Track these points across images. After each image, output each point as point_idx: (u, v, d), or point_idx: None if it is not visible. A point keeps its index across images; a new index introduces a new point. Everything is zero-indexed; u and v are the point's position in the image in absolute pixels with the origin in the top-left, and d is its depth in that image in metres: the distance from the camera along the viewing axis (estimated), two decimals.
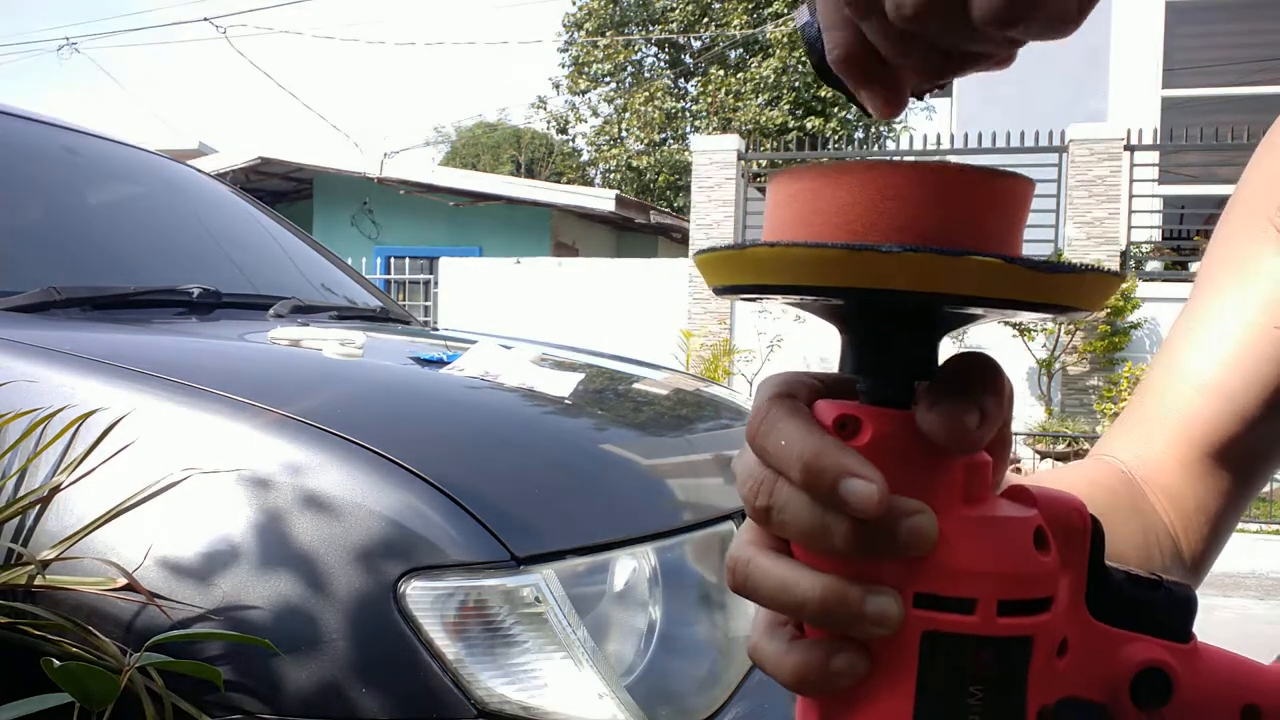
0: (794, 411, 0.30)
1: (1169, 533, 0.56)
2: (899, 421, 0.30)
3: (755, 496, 0.30)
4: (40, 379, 1.14)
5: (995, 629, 0.29)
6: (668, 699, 1.07)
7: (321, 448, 1.03)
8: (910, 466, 0.29)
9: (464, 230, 12.33)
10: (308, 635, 0.94)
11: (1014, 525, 0.30)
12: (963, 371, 0.30)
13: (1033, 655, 0.30)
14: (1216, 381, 0.55)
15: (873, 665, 0.29)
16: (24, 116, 2.07)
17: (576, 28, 20.74)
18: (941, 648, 0.29)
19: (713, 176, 8.33)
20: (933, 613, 0.29)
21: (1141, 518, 0.54)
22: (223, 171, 10.93)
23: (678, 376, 2.13)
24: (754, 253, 0.28)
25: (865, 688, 0.30)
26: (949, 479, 0.30)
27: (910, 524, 0.28)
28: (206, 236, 2.27)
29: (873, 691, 0.30)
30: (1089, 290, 0.28)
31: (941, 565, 0.29)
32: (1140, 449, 0.57)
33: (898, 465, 0.29)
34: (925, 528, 0.28)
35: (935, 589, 0.29)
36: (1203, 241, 7.96)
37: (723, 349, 7.97)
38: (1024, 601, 0.29)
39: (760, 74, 17.92)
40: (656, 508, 1.22)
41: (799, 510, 0.29)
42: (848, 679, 0.29)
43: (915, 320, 0.30)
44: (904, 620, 0.29)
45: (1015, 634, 0.29)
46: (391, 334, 2.02)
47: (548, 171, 22.95)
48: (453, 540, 0.98)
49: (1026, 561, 0.29)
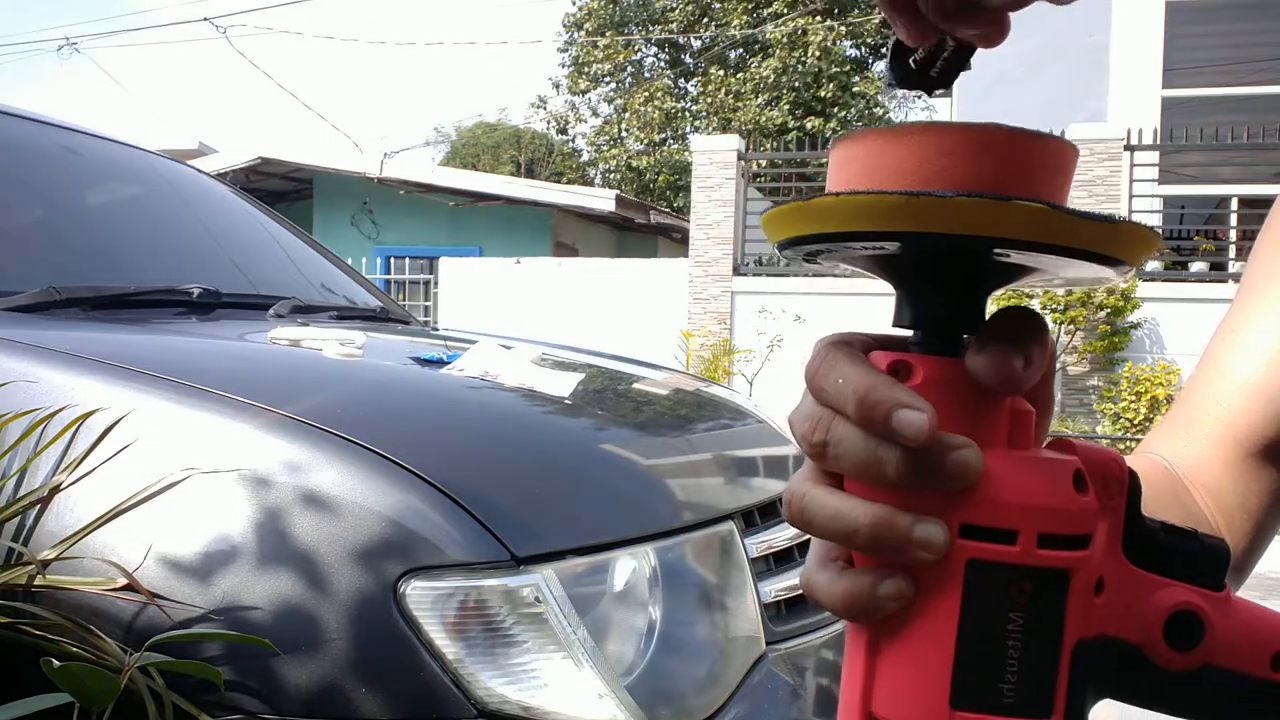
0: (851, 355, 0.33)
1: (1211, 530, 0.56)
2: (949, 367, 0.32)
3: (812, 433, 0.33)
4: (40, 379, 1.14)
5: (1035, 559, 0.31)
6: (668, 699, 1.07)
7: (321, 448, 1.03)
8: (959, 407, 0.32)
9: (464, 230, 12.32)
10: (308, 635, 0.94)
11: (1055, 466, 0.32)
12: (1009, 321, 0.32)
13: (1070, 588, 0.32)
14: (1259, 382, 0.56)
15: (919, 592, 0.32)
16: (24, 116, 2.07)
17: (576, 28, 20.73)
18: (984, 575, 0.31)
19: (713, 176, 8.33)
20: (977, 542, 0.31)
21: (1182, 512, 0.55)
22: (223, 171, 10.93)
23: (678, 376, 2.13)
24: (820, 202, 0.30)
25: (911, 613, 0.32)
26: (995, 421, 0.32)
27: (956, 457, 0.30)
28: (206, 236, 2.27)
29: (918, 616, 0.32)
30: (1129, 241, 0.30)
31: (986, 498, 0.31)
32: (1183, 447, 0.58)
33: (947, 405, 0.31)
34: (971, 460, 0.30)
35: (980, 520, 0.31)
36: (1203, 241, 7.97)
37: (723, 349, 7.96)
38: (1063, 537, 0.31)
39: (760, 74, 17.91)
40: (656, 508, 1.22)
41: (854, 443, 0.31)
42: (895, 603, 0.31)
43: (966, 270, 0.32)
44: (949, 548, 0.31)
45: (1054, 565, 0.31)
46: (391, 334, 2.02)
47: (548, 171, 22.95)
48: (453, 540, 0.98)
49: (1066, 499, 0.31)
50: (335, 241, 11.70)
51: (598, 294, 9.26)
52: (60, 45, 24.01)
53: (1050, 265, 0.31)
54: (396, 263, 11.71)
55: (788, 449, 1.77)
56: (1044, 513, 0.31)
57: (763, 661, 1.26)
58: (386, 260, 11.86)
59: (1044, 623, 0.31)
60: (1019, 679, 0.31)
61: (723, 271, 8.23)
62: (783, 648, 1.33)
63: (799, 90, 18.13)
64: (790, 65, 17.70)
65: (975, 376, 0.31)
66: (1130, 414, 7.37)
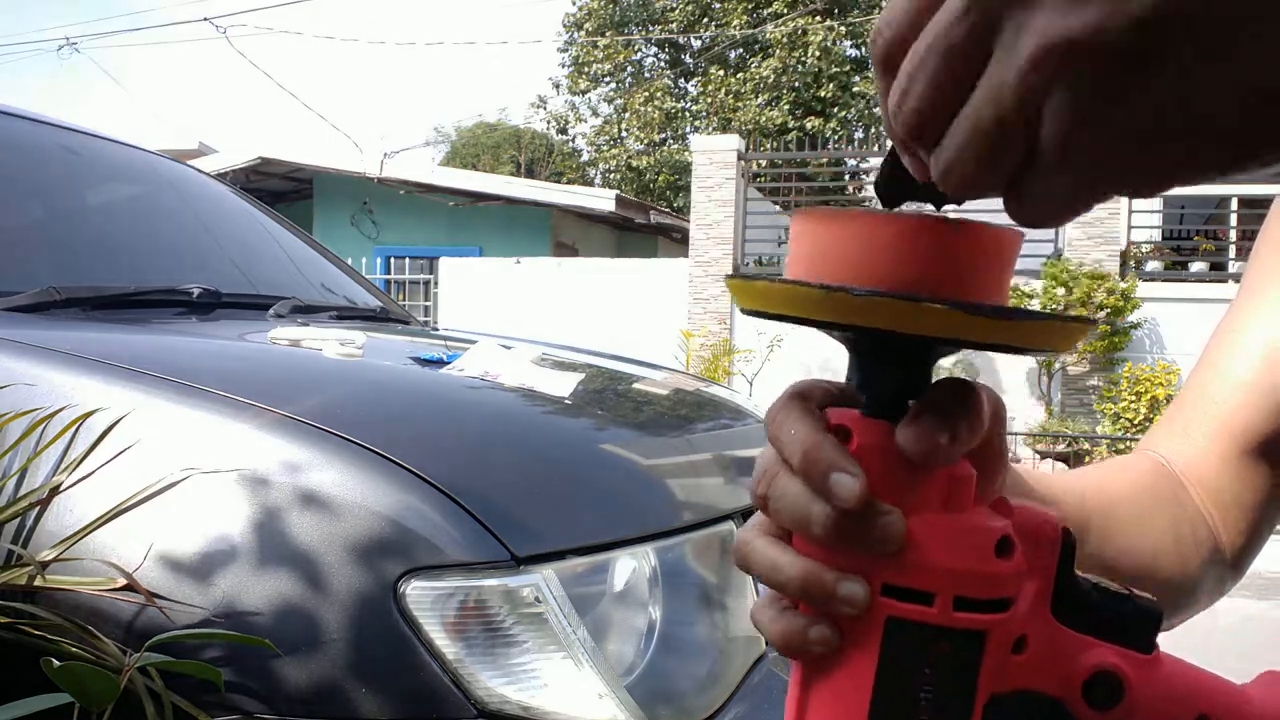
0: (805, 410, 0.35)
1: (1208, 526, 0.57)
2: (886, 434, 0.34)
3: (758, 484, 0.36)
4: (40, 379, 1.14)
5: (951, 621, 0.33)
6: (668, 699, 1.07)
7: (321, 447, 1.03)
8: (892, 473, 0.33)
9: (464, 230, 12.33)
10: (308, 635, 0.94)
11: (978, 531, 0.34)
12: (941, 395, 0.34)
13: (986, 648, 0.34)
14: (1255, 378, 0.56)
15: (844, 639, 0.34)
16: (24, 116, 2.07)
17: (576, 28, 20.74)
18: (902, 632, 0.33)
19: (713, 176, 8.33)
20: (897, 601, 0.33)
21: (1178, 508, 0.56)
22: (223, 171, 10.93)
23: (678, 376, 2.13)
24: (760, 286, 0.34)
25: (837, 657, 0.35)
26: (928, 486, 0.34)
27: (882, 523, 0.33)
28: (206, 236, 2.27)
29: (842, 661, 0.35)
30: (1051, 335, 0.32)
31: (908, 561, 0.33)
32: (1180, 444, 0.59)
33: (881, 470, 0.33)
34: (894, 528, 0.33)
35: (900, 581, 0.33)
36: (1203, 241, 7.97)
37: (723, 349, 7.96)
38: (980, 600, 0.33)
39: (760, 74, 17.92)
40: (656, 508, 1.22)
41: (793, 498, 0.34)
42: (821, 648, 0.34)
43: (896, 349, 0.35)
44: (871, 605, 0.33)
45: (970, 627, 0.33)
46: (391, 334, 2.02)
47: (548, 171, 22.95)
48: (453, 540, 0.98)
49: (985, 564, 0.33)
50: (335, 241, 11.70)
51: (598, 294, 9.27)
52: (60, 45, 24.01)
53: (974, 350, 0.33)
54: (396, 263, 11.72)
55: None
56: (961, 577, 0.33)
57: (763, 661, 1.26)
58: (386, 260, 11.86)
59: (958, 679, 0.34)
60: None
61: (723, 271, 8.23)
62: None
63: (799, 90, 18.14)
64: (790, 65, 17.70)
65: (902, 448, 0.33)
66: (1130, 414, 7.38)
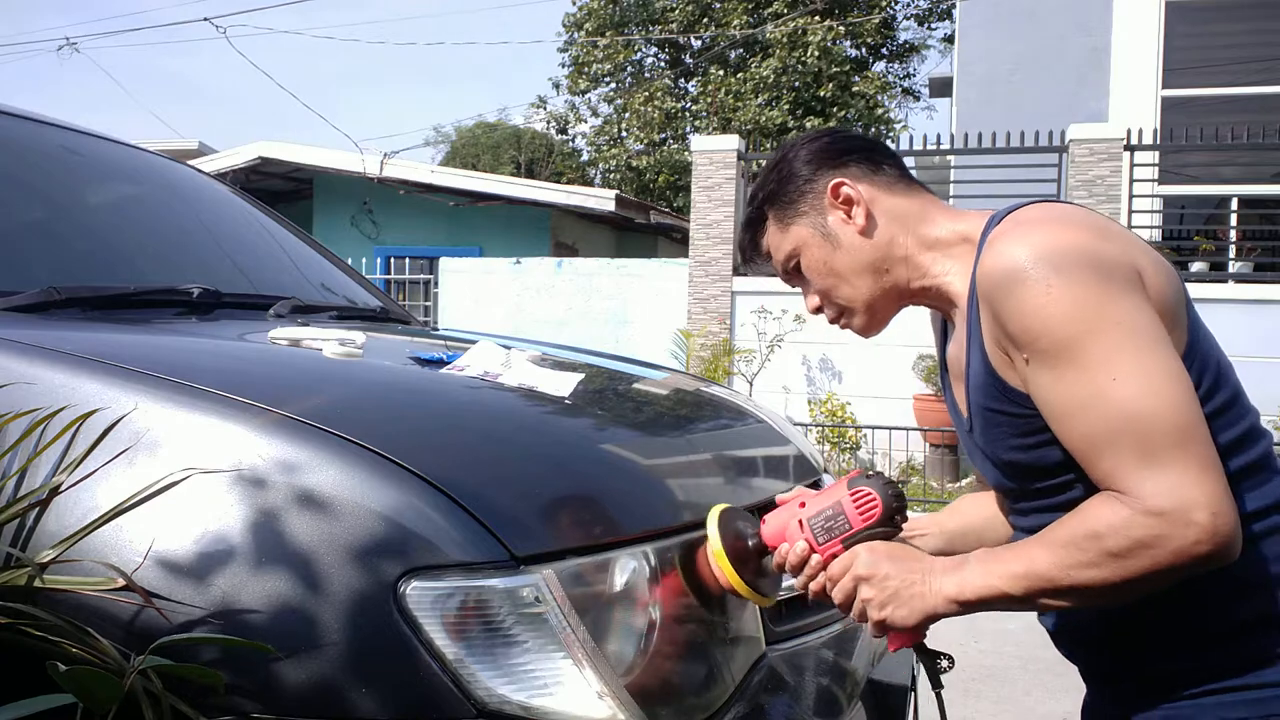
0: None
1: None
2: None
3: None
4: (40, 379, 1.14)
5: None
6: (668, 699, 1.07)
7: (321, 448, 1.03)
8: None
9: (464, 230, 12.32)
10: (307, 636, 0.94)
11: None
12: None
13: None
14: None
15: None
16: (24, 116, 2.07)
17: (576, 28, 20.73)
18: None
19: (713, 176, 8.32)
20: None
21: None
22: (223, 171, 10.92)
23: (678, 376, 2.13)
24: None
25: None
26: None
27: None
28: (206, 236, 2.27)
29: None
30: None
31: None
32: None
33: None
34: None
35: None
36: (1203, 241, 7.96)
37: (723, 349, 7.96)
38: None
39: (760, 74, 17.91)
40: (656, 508, 1.22)
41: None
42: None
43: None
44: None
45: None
46: (391, 334, 2.02)
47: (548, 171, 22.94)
48: (453, 540, 0.98)
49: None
50: (335, 241, 11.69)
51: (598, 294, 9.26)
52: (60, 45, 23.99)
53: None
54: (396, 263, 11.71)
55: (788, 449, 1.77)
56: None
57: (763, 661, 1.26)
58: (386, 260, 11.85)
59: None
60: None
61: (723, 271, 8.23)
62: (783, 648, 1.33)
63: (799, 90, 18.13)
64: (790, 65, 17.70)
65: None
66: None
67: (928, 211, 1.21)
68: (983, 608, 1.07)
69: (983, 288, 1.06)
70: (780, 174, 1.26)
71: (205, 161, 11.41)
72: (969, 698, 3.37)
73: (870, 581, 1.11)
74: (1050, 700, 3.33)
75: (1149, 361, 0.97)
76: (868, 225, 1.19)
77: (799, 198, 1.23)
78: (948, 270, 1.18)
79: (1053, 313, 0.98)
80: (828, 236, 1.21)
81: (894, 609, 1.09)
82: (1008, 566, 1.04)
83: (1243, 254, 7.90)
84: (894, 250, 1.19)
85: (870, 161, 1.22)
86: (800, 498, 1.23)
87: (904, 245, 1.19)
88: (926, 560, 1.12)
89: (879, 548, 1.13)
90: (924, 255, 1.19)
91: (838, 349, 7.86)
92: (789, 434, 1.87)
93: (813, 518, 1.17)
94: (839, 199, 1.20)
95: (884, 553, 1.12)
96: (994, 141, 7.56)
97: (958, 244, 1.17)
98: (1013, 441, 1.12)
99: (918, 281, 1.20)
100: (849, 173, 1.21)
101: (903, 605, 1.09)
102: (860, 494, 1.16)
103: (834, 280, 1.23)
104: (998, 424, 1.12)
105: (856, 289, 1.22)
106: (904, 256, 1.19)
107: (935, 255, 1.19)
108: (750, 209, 1.31)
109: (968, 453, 1.26)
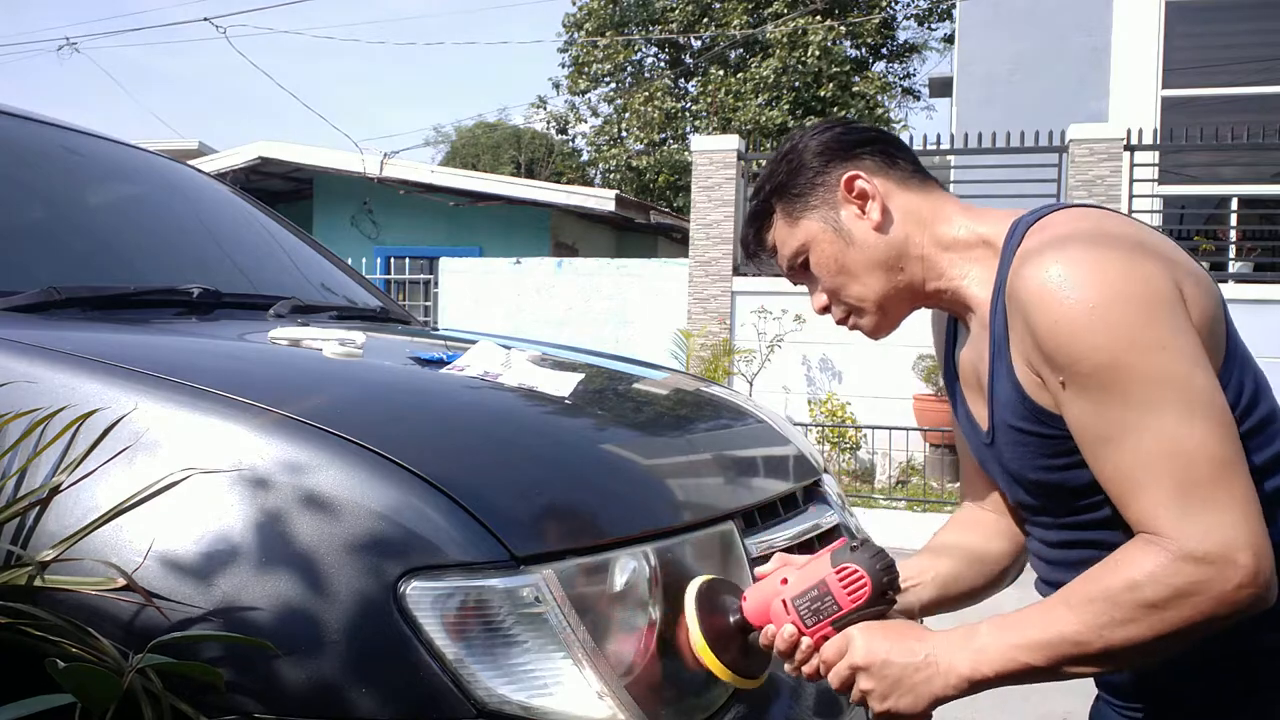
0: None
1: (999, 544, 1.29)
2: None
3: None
4: (40, 379, 1.14)
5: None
6: (668, 699, 1.07)
7: (321, 447, 1.03)
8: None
9: (464, 230, 12.32)
10: (307, 635, 0.94)
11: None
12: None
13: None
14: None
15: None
16: (24, 116, 2.07)
17: (576, 28, 20.73)
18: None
19: (713, 176, 8.32)
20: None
21: (984, 539, 1.30)
22: (223, 171, 10.92)
23: (678, 376, 2.13)
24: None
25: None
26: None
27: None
28: (206, 236, 2.27)
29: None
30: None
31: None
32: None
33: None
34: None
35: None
36: (1203, 241, 7.96)
37: (723, 349, 7.96)
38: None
39: (760, 74, 17.92)
40: (656, 508, 1.22)
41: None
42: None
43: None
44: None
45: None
46: (391, 334, 2.02)
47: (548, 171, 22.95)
48: (453, 540, 0.98)
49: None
50: (335, 241, 11.69)
51: (598, 294, 9.26)
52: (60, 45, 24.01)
53: None
54: (396, 263, 11.71)
55: (788, 449, 1.77)
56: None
57: None
58: (386, 260, 11.85)
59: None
60: None
61: (723, 271, 8.23)
62: None
63: (799, 90, 18.13)
64: (790, 65, 17.70)
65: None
66: None
67: (944, 209, 1.14)
68: (1000, 684, 0.98)
69: (1017, 305, 0.99)
70: (790, 165, 1.18)
71: (205, 161, 11.41)
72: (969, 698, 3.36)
73: (869, 671, 1.02)
74: (1050, 700, 3.33)
75: (1190, 392, 0.91)
76: (883, 221, 1.13)
77: (810, 190, 1.16)
78: (965, 274, 1.12)
79: (1094, 337, 0.92)
80: (840, 232, 1.15)
81: (897, 698, 1.01)
82: (1029, 635, 0.95)
83: (1243, 254, 7.90)
84: (909, 248, 1.13)
85: (884, 154, 1.16)
86: (783, 571, 1.13)
87: (920, 244, 1.13)
88: (929, 638, 1.03)
89: (875, 629, 1.05)
90: (941, 256, 1.13)
91: (838, 349, 7.86)
92: (789, 434, 1.87)
93: (797, 597, 1.07)
94: (853, 193, 1.14)
95: (881, 634, 1.04)
96: (994, 141, 7.56)
97: (977, 246, 1.11)
98: (1041, 461, 1.06)
99: (933, 283, 1.14)
100: (863, 165, 1.15)
101: (907, 693, 1.01)
102: (847, 572, 1.06)
103: (845, 278, 1.16)
104: (1025, 444, 1.07)
105: (868, 288, 1.15)
106: (919, 255, 1.13)
107: (953, 256, 1.13)
108: (756, 201, 1.24)
109: (982, 464, 1.20)
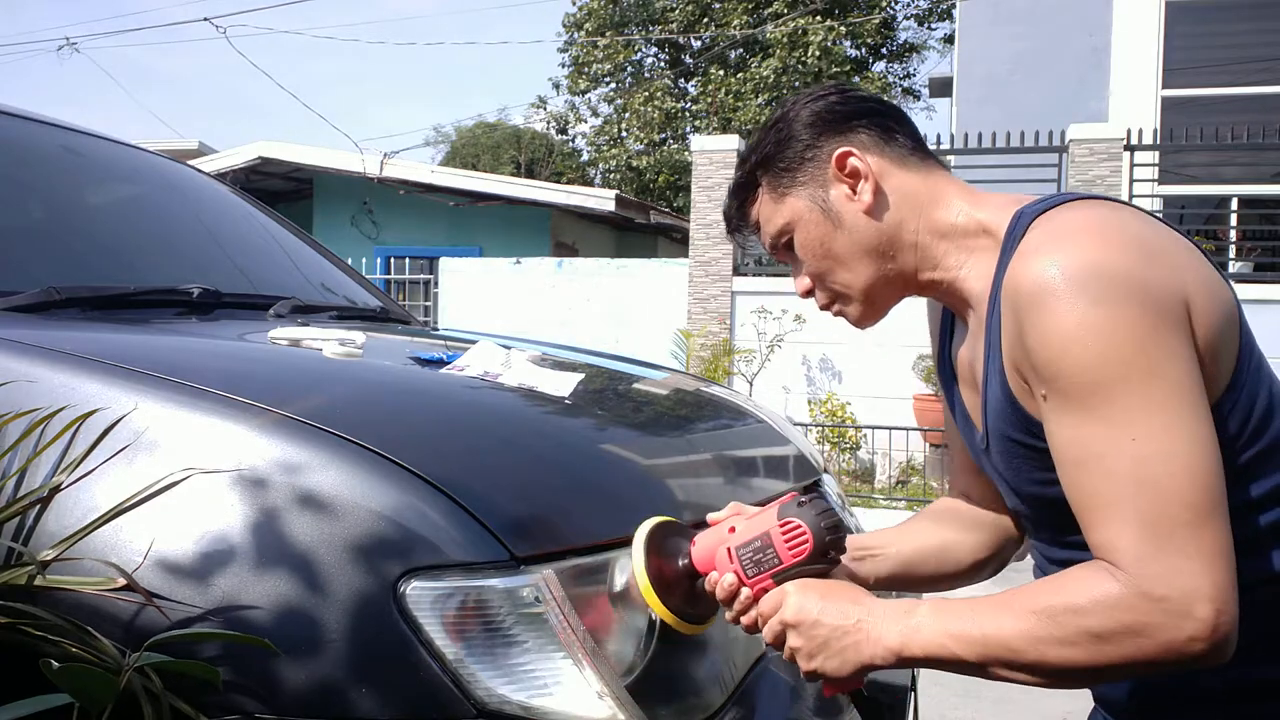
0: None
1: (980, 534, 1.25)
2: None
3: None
4: (40, 379, 1.14)
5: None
6: (668, 699, 1.07)
7: (321, 447, 1.03)
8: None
9: (464, 230, 12.32)
10: (307, 635, 0.94)
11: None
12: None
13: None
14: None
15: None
16: (24, 116, 2.07)
17: (576, 28, 20.73)
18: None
19: (713, 176, 8.33)
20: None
21: (956, 529, 1.27)
22: (223, 171, 10.92)
23: (678, 376, 2.13)
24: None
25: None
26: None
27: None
28: (206, 236, 2.27)
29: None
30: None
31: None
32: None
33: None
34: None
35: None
36: (1203, 241, 7.96)
37: (723, 349, 7.96)
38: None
39: (760, 74, 17.92)
40: (656, 508, 1.22)
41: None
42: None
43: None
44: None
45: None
46: (391, 334, 2.02)
47: (548, 171, 22.95)
48: (452, 540, 0.98)
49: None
50: (335, 241, 11.69)
51: (598, 294, 9.26)
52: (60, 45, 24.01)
53: None
54: (396, 263, 11.71)
55: (788, 449, 1.77)
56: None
57: (763, 661, 1.26)
58: (386, 260, 11.85)
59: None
60: None
61: (723, 271, 8.23)
62: None
63: (799, 90, 18.10)
64: (790, 65, 17.70)
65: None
66: None
67: (944, 192, 1.06)
68: (926, 665, 0.95)
69: (1011, 305, 0.93)
70: (779, 135, 1.10)
71: (205, 161, 11.41)
72: (969, 698, 3.37)
73: (798, 629, 0.99)
74: (1050, 700, 3.33)
75: (1178, 425, 0.85)
76: (875, 204, 1.05)
77: (798, 165, 1.08)
78: (963, 264, 1.04)
79: (1084, 355, 0.86)
80: (827, 213, 1.07)
81: (824, 659, 0.98)
82: (965, 627, 0.91)
83: (1243, 254, 7.90)
84: (902, 235, 1.05)
85: (882, 129, 1.07)
86: (733, 519, 1.10)
87: (914, 230, 1.05)
88: (866, 602, 0.99)
89: (811, 587, 1.01)
90: (937, 244, 1.05)
91: (838, 349, 7.86)
92: (789, 434, 1.87)
93: (741, 547, 1.05)
94: (844, 171, 1.06)
95: (816, 593, 1.00)
96: (994, 141, 7.56)
97: (977, 235, 1.03)
98: (1036, 475, 1.00)
99: (927, 273, 1.07)
100: (857, 140, 1.06)
101: (833, 656, 0.97)
102: (790, 526, 1.02)
103: (830, 263, 1.08)
104: (1018, 455, 1.01)
105: (855, 274, 1.08)
106: (913, 243, 1.06)
107: (949, 246, 1.05)
108: (740, 172, 1.14)
109: (977, 463, 1.16)
